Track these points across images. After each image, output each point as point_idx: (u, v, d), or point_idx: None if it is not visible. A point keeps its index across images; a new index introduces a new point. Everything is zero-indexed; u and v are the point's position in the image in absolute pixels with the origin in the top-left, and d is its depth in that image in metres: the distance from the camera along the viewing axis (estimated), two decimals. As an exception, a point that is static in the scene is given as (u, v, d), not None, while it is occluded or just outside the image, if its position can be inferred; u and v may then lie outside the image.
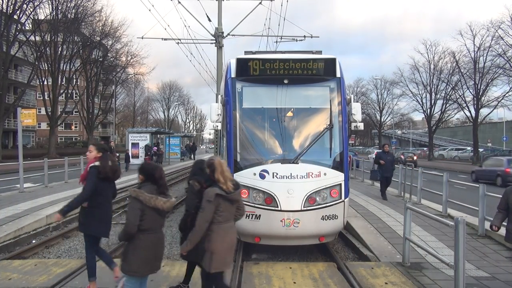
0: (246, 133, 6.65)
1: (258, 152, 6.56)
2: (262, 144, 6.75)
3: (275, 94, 6.75)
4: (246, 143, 6.61)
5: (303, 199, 5.95)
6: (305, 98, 6.96)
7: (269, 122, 6.86)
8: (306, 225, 5.96)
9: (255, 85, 6.88)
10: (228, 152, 6.55)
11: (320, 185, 6.07)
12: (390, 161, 11.19)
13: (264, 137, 6.83)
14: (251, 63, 6.55)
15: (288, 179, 6.04)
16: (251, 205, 5.93)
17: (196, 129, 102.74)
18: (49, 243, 7.43)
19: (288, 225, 5.89)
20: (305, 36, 15.99)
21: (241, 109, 6.68)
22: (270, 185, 6.00)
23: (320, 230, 6.16)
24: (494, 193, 7.04)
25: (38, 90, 45.02)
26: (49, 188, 12.97)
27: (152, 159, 22.29)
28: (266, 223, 5.96)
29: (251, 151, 6.57)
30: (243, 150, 6.50)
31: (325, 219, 6.10)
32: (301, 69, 6.54)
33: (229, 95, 6.70)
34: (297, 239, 6.23)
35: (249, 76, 6.66)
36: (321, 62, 6.64)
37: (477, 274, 5.08)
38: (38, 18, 36.01)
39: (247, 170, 6.21)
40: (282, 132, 6.71)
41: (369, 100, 63.73)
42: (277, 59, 6.67)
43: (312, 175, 6.10)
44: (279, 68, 6.52)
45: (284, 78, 6.63)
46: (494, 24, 32.32)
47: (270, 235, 6.16)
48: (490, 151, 41.47)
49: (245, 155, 6.47)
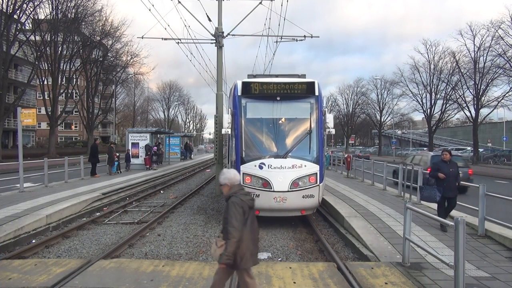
0: (249, 136, 8.92)
1: (258, 150, 8.79)
2: (260, 144, 8.96)
3: (270, 108, 9.07)
4: (249, 144, 8.85)
5: (290, 183, 8.27)
6: (292, 110, 9.19)
7: (266, 128, 9.12)
8: (292, 202, 8.32)
9: (255, 101, 9.16)
10: (236, 150, 8.78)
11: (302, 174, 8.38)
12: (453, 175, 7.47)
13: (262, 139, 9.05)
14: (253, 85, 8.96)
15: (279, 169, 8.36)
16: (253, 188, 8.29)
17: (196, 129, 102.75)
18: (49, 242, 7.42)
19: (279, 201, 8.27)
20: (305, 36, 15.97)
21: (245, 119, 8.97)
22: (266, 173, 8.32)
23: (301, 205, 8.53)
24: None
25: (38, 90, 45.04)
26: (49, 188, 12.97)
27: (152, 159, 22.28)
28: (263, 200, 8.24)
29: (252, 149, 8.80)
30: (247, 148, 8.76)
31: (305, 197, 8.43)
32: (289, 89, 8.90)
33: (236, 108, 8.96)
34: (285, 211, 8.61)
35: (251, 94, 8.98)
36: (304, 84, 9.00)
37: (477, 274, 5.08)
38: (38, 17, 36.03)
39: (250, 163, 8.50)
40: (275, 135, 9.01)
41: (369, 100, 63.84)
42: (271, 82, 8.95)
43: (296, 166, 8.42)
44: (273, 89, 8.89)
45: (277, 96, 8.96)
46: (494, 24, 32.34)
47: (266, 208, 8.40)
48: (490, 151, 41.46)
49: (248, 152, 8.72)
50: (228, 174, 3.75)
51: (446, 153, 7.83)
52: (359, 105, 69.19)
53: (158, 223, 9.39)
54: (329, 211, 10.17)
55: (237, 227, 3.44)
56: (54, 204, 9.76)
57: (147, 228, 8.64)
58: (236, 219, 3.45)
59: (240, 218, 3.47)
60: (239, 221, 3.46)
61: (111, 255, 6.49)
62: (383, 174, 13.65)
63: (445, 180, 7.39)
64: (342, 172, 20.33)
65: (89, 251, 7.06)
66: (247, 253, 3.54)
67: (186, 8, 14.84)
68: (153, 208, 11.49)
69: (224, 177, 3.73)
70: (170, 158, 30.92)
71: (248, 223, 3.57)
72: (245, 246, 3.52)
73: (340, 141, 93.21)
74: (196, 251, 7.07)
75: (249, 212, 3.61)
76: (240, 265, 3.53)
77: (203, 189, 16.48)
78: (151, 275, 5.08)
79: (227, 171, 3.82)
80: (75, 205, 10.01)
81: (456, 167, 7.63)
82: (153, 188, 16.18)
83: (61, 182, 14.71)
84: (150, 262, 5.74)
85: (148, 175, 18.15)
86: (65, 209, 9.44)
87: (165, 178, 19.40)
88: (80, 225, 8.85)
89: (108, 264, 5.57)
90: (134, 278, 4.99)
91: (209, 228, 8.87)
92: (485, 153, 39.64)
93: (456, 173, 7.55)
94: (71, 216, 9.52)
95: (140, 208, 11.52)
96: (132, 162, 21.60)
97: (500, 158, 36.94)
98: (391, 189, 13.18)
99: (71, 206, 9.80)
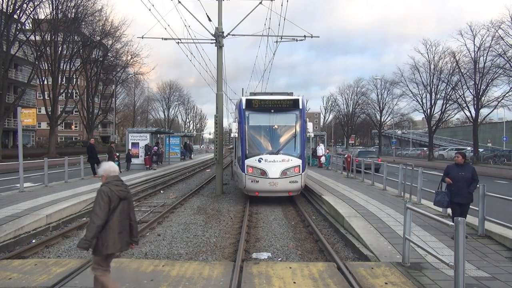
0: (251, 139, 12.05)
1: (257, 149, 11.95)
2: (259, 144, 12.07)
3: (266, 118, 12.19)
4: (251, 144, 12.01)
5: (280, 172, 11.43)
6: (282, 120, 12.24)
7: (263, 132, 12.19)
8: (281, 185, 11.49)
9: (255, 113, 12.23)
10: (241, 149, 11.95)
11: (289, 166, 11.53)
12: (464, 179, 6.86)
13: (261, 140, 12.13)
14: (253, 101, 12.18)
15: (273, 162, 11.53)
16: (254, 176, 11.53)
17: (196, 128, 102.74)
18: (49, 242, 7.42)
19: (272, 185, 11.43)
20: (305, 36, 15.96)
21: (248, 126, 12.08)
22: (264, 165, 11.51)
23: (288, 188, 11.68)
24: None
25: (38, 90, 45.03)
26: (49, 188, 12.97)
27: (152, 159, 22.29)
28: (261, 184, 11.52)
29: (253, 148, 11.97)
30: (249, 147, 11.93)
31: (291, 182, 11.53)
32: (280, 104, 12.17)
33: (242, 118, 12.10)
34: (277, 192, 11.74)
35: (252, 108, 12.13)
36: (291, 100, 12.26)
37: (477, 274, 5.08)
38: (38, 17, 36.02)
39: (252, 158, 11.67)
40: (270, 138, 12.11)
41: (369, 100, 63.81)
42: (267, 99, 12.31)
43: (284, 160, 11.58)
44: (268, 104, 12.15)
45: (271, 109, 12.14)
46: (494, 24, 32.27)
47: (264, 190, 11.65)
48: (490, 151, 41.46)
49: (251, 150, 11.89)
50: (105, 165, 3.98)
51: (459, 155, 7.11)
52: (359, 105, 69.23)
53: (158, 223, 9.39)
54: (329, 211, 10.17)
55: (99, 214, 3.61)
56: (54, 204, 9.76)
57: (147, 228, 8.64)
58: (99, 206, 3.64)
59: (103, 206, 3.65)
60: (102, 209, 3.63)
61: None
62: (383, 174, 13.65)
63: (453, 184, 6.93)
64: (342, 172, 20.33)
65: (89, 251, 7.05)
66: (110, 241, 3.69)
67: (186, 8, 14.85)
68: (153, 208, 11.49)
69: (101, 169, 3.95)
70: (170, 158, 30.94)
71: (116, 213, 3.74)
72: (108, 234, 3.68)
73: (340, 141, 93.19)
74: (196, 251, 7.07)
75: (119, 203, 3.78)
76: (102, 250, 3.70)
77: (203, 189, 16.48)
78: (151, 275, 5.09)
79: (105, 163, 4.05)
80: (75, 205, 10.00)
81: (469, 172, 6.88)
82: (153, 188, 16.19)
83: (61, 182, 14.71)
84: (150, 262, 5.75)
85: (148, 175, 18.15)
86: (65, 209, 9.44)
87: (165, 178, 19.40)
88: (80, 225, 8.84)
89: (108, 264, 5.57)
90: (134, 278, 4.99)
91: (209, 228, 8.87)
92: (485, 153, 39.61)
93: (467, 178, 6.81)
94: (71, 216, 9.52)
95: (140, 208, 11.52)
96: (132, 162, 21.62)
97: (500, 158, 36.94)
98: (391, 189, 13.18)
99: (71, 206, 9.80)
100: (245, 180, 11.60)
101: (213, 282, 4.86)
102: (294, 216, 10.64)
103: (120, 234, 3.75)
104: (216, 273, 5.18)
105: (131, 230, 3.91)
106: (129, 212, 3.91)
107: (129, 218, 3.90)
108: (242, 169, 11.76)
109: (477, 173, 6.94)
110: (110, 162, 4.16)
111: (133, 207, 4.02)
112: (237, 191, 15.31)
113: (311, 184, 14.60)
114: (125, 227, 3.84)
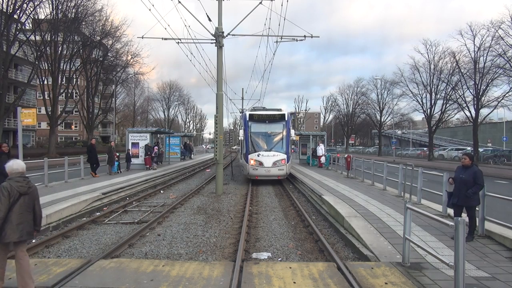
0: (252, 141, 17.77)
1: (257, 148, 17.65)
2: (258, 144, 17.76)
3: (263, 126, 18.08)
4: (253, 144, 17.70)
5: (272, 163, 17.06)
6: (273, 128, 18.09)
7: (261, 136, 17.97)
8: (273, 172, 17.12)
9: (255, 123, 18.07)
10: (246, 148, 17.63)
11: (277, 159, 17.13)
12: (462, 182, 6.72)
13: (259, 142, 17.84)
14: (254, 115, 18.38)
15: (267, 157, 17.17)
16: (255, 166, 17.14)
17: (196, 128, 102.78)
18: (49, 242, 7.42)
19: (267, 171, 17.08)
20: (305, 36, 15.95)
21: (250, 132, 17.90)
22: (261, 158, 17.15)
23: (278, 174, 17.20)
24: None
25: (38, 90, 45.04)
26: (49, 188, 12.97)
27: (152, 159, 22.28)
28: (259, 171, 17.13)
29: (254, 147, 17.62)
30: (251, 147, 17.60)
31: (279, 170, 17.08)
32: (272, 117, 18.19)
33: (246, 126, 17.95)
34: (269, 176, 17.30)
35: (253, 119, 18.11)
36: (280, 114, 18.21)
37: (477, 274, 5.08)
38: (38, 17, 36.03)
39: (253, 154, 17.35)
40: (265, 140, 17.89)
41: (369, 100, 63.75)
42: (263, 114, 18.46)
43: (275, 155, 17.22)
44: (264, 117, 18.25)
45: (266, 120, 18.15)
46: (494, 24, 32.21)
47: (261, 175, 17.22)
48: (490, 151, 41.46)
49: (252, 149, 17.54)
50: (9, 163, 4.38)
51: (466, 157, 6.88)
52: (359, 105, 69.17)
53: (158, 223, 9.39)
54: (329, 211, 10.17)
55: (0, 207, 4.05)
56: (54, 204, 9.76)
57: (147, 228, 8.64)
58: (0, 201, 4.07)
59: (3, 200, 4.07)
60: (2, 203, 4.07)
61: (111, 255, 6.49)
62: (383, 174, 13.66)
63: (454, 186, 6.91)
64: (342, 172, 20.34)
65: (89, 251, 7.07)
66: (9, 231, 4.12)
67: (186, 8, 14.84)
68: (153, 208, 11.49)
69: (6, 165, 4.37)
70: (170, 158, 30.92)
71: (16, 206, 4.15)
72: (8, 224, 4.11)
73: (340, 141, 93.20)
74: (196, 251, 7.07)
75: (19, 197, 4.20)
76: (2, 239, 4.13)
77: (203, 189, 16.48)
78: (151, 275, 5.08)
79: (11, 161, 4.43)
80: (75, 205, 10.01)
81: (470, 175, 6.62)
82: (153, 188, 16.19)
83: (61, 182, 14.71)
84: (150, 262, 5.74)
85: (148, 175, 18.15)
86: (65, 209, 9.44)
87: (165, 178, 19.40)
88: (80, 225, 8.85)
89: (108, 264, 5.57)
90: (134, 278, 4.99)
91: (209, 228, 8.87)
92: (485, 153, 39.62)
93: (467, 181, 6.62)
94: (71, 216, 9.52)
95: (140, 208, 11.52)
96: (132, 162, 21.61)
97: (500, 158, 36.95)
98: (391, 189, 13.18)
99: (71, 206, 9.80)
100: (249, 168, 17.27)
101: (213, 282, 4.86)
102: (294, 216, 10.63)
103: (18, 225, 4.16)
104: (216, 273, 5.18)
105: (34, 220, 4.40)
106: (33, 205, 4.38)
107: (32, 210, 4.36)
108: (246, 161, 17.44)
109: (482, 176, 6.68)
110: (17, 160, 4.54)
111: (38, 200, 4.50)
112: (237, 191, 15.60)
113: (311, 184, 14.62)
114: (26, 219, 4.26)
